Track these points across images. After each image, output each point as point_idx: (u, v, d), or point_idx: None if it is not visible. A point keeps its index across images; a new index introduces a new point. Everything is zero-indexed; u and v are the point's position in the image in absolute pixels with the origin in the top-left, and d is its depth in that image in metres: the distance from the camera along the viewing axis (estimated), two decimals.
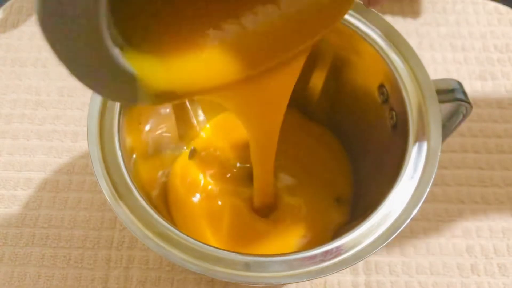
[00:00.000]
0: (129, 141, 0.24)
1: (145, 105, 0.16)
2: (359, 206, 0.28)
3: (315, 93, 0.30)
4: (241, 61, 0.17)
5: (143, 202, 0.21)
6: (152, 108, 0.26)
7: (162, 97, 0.16)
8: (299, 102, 0.32)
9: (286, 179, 0.30)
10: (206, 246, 0.20)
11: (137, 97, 0.16)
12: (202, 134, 0.31)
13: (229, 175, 0.30)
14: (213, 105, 0.31)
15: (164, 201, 0.29)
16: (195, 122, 0.31)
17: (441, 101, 0.23)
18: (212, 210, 0.29)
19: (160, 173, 0.29)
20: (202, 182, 0.30)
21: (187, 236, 0.20)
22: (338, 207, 0.29)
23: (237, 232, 0.28)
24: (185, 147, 0.31)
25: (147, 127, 0.26)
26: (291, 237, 0.28)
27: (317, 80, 0.29)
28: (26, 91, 0.35)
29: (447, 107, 0.25)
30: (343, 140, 0.31)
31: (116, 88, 0.15)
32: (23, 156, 0.33)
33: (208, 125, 0.32)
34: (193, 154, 0.31)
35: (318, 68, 0.29)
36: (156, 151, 0.28)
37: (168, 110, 0.28)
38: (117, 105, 0.23)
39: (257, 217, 0.29)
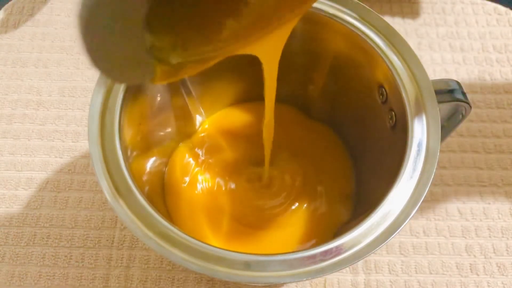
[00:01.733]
0: (129, 140, 0.24)
1: (158, 82, 0.18)
2: (361, 205, 0.28)
3: (316, 93, 0.30)
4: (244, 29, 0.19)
5: (143, 202, 0.21)
6: (152, 107, 0.27)
7: (177, 69, 0.18)
8: (300, 101, 0.32)
9: (289, 176, 0.30)
10: (206, 245, 0.20)
11: (153, 76, 0.18)
12: (201, 130, 0.32)
13: (228, 169, 0.30)
14: (212, 102, 0.31)
15: (161, 196, 0.29)
16: (194, 119, 0.31)
17: (440, 102, 0.23)
18: (211, 204, 0.29)
19: (158, 168, 0.29)
20: (200, 176, 0.30)
21: (188, 235, 0.20)
22: (343, 205, 0.29)
23: (236, 229, 0.28)
24: (181, 143, 0.31)
25: (147, 126, 0.26)
26: (295, 237, 0.28)
27: (318, 80, 0.30)
28: (27, 91, 0.36)
29: (446, 107, 0.25)
30: (345, 139, 0.31)
31: (136, 72, 0.17)
32: (24, 156, 0.33)
33: (207, 121, 0.32)
34: (192, 150, 0.31)
35: (318, 68, 0.29)
36: (155, 148, 0.28)
37: (168, 109, 0.28)
38: (118, 105, 0.23)
39: (258, 216, 0.29)
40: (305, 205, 0.29)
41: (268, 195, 0.29)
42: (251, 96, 0.32)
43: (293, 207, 0.29)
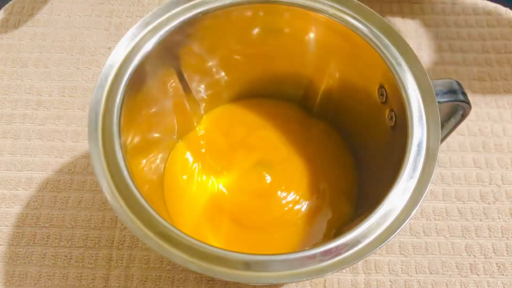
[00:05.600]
0: (129, 140, 0.24)
1: None
2: (362, 205, 0.28)
3: (316, 92, 0.30)
4: None
5: (143, 202, 0.21)
6: (152, 106, 0.27)
7: None
8: (301, 99, 0.32)
9: (290, 175, 0.30)
10: (206, 245, 0.20)
11: None
12: (200, 127, 0.32)
13: (227, 166, 0.30)
14: (211, 99, 0.31)
15: (161, 195, 0.29)
16: (193, 116, 0.31)
17: (440, 102, 0.23)
18: (211, 203, 0.29)
19: (158, 167, 0.29)
20: (199, 174, 0.30)
21: (188, 235, 0.20)
22: (344, 205, 0.29)
23: (236, 229, 0.28)
24: (180, 141, 0.31)
25: (147, 125, 0.27)
26: (295, 237, 0.28)
27: (318, 80, 0.30)
28: (28, 91, 0.36)
29: (446, 107, 0.25)
30: (346, 138, 0.31)
31: None
32: (24, 156, 0.33)
33: (205, 118, 0.32)
34: (190, 147, 0.31)
35: (319, 69, 0.29)
36: (155, 147, 0.29)
37: (167, 107, 0.28)
38: (118, 105, 0.23)
39: (258, 216, 0.29)
40: (306, 205, 0.29)
41: (268, 194, 0.29)
42: (250, 93, 0.32)
43: (294, 207, 0.29)
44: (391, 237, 0.20)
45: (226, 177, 0.30)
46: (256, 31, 0.27)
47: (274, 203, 0.29)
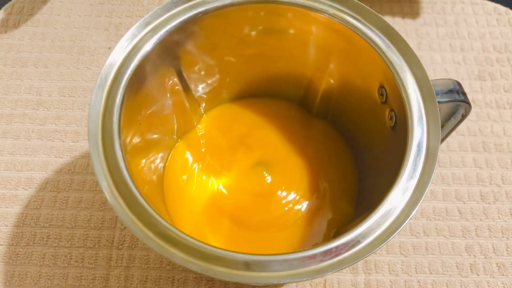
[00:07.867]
0: (129, 140, 0.24)
1: None
2: (362, 205, 0.28)
3: (316, 92, 0.30)
4: None
5: (143, 202, 0.21)
6: (151, 106, 0.27)
7: None
8: (301, 99, 0.32)
9: (290, 175, 0.30)
10: (206, 245, 0.20)
11: None
12: (200, 126, 0.32)
13: (227, 165, 0.30)
14: (211, 98, 0.31)
15: (161, 195, 0.29)
16: (192, 115, 0.31)
17: (440, 102, 0.23)
18: (210, 203, 0.29)
19: (158, 167, 0.29)
20: (199, 173, 0.30)
21: (188, 235, 0.20)
22: (344, 205, 0.29)
23: (236, 229, 0.28)
24: (180, 140, 0.31)
25: (147, 125, 0.27)
26: (296, 237, 0.28)
27: (318, 80, 0.30)
28: (27, 91, 0.36)
29: (446, 107, 0.25)
30: (346, 138, 0.31)
31: None
32: (24, 156, 0.33)
33: (205, 117, 0.32)
34: (190, 146, 0.31)
35: (319, 69, 0.29)
36: (154, 146, 0.29)
37: (167, 106, 0.28)
38: (118, 105, 0.23)
39: (258, 216, 0.29)
40: (306, 205, 0.29)
41: (268, 194, 0.29)
42: (250, 93, 0.32)
43: (294, 207, 0.29)
44: (391, 237, 0.20)
45: (226, 177, 0.30)
46: (256, 31, 0.27)
47: (274, 203, 0.29)
